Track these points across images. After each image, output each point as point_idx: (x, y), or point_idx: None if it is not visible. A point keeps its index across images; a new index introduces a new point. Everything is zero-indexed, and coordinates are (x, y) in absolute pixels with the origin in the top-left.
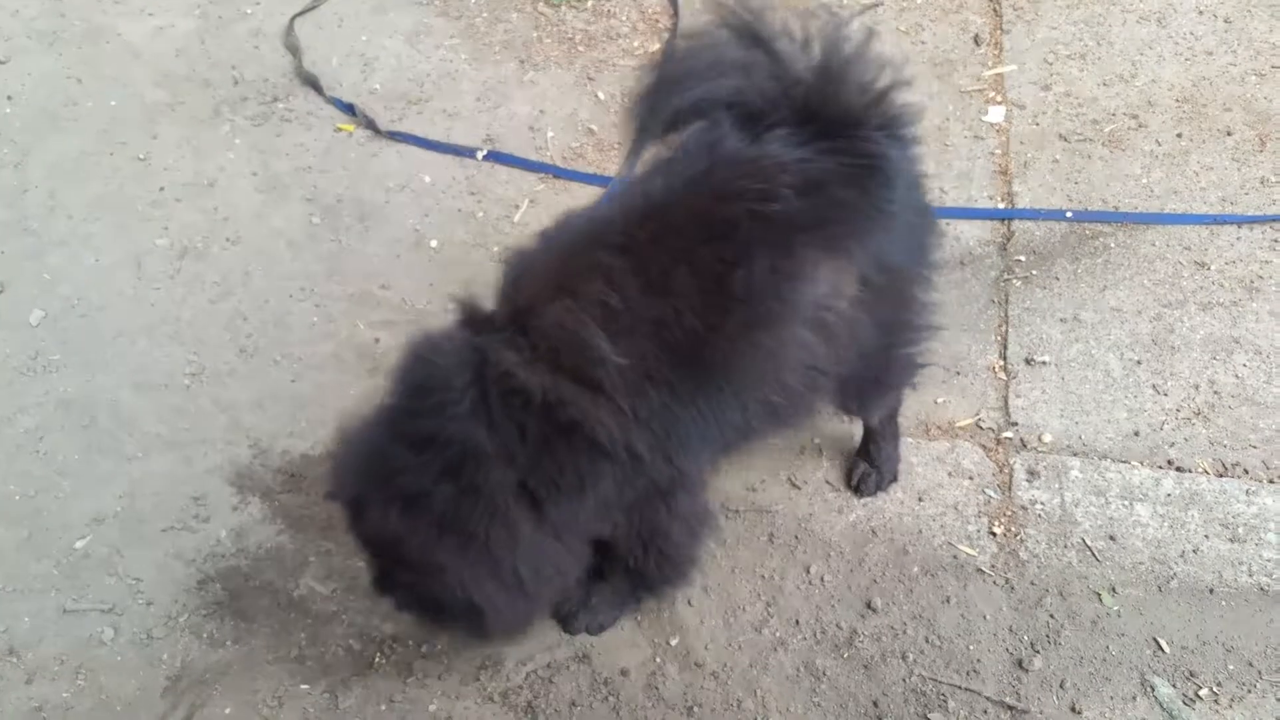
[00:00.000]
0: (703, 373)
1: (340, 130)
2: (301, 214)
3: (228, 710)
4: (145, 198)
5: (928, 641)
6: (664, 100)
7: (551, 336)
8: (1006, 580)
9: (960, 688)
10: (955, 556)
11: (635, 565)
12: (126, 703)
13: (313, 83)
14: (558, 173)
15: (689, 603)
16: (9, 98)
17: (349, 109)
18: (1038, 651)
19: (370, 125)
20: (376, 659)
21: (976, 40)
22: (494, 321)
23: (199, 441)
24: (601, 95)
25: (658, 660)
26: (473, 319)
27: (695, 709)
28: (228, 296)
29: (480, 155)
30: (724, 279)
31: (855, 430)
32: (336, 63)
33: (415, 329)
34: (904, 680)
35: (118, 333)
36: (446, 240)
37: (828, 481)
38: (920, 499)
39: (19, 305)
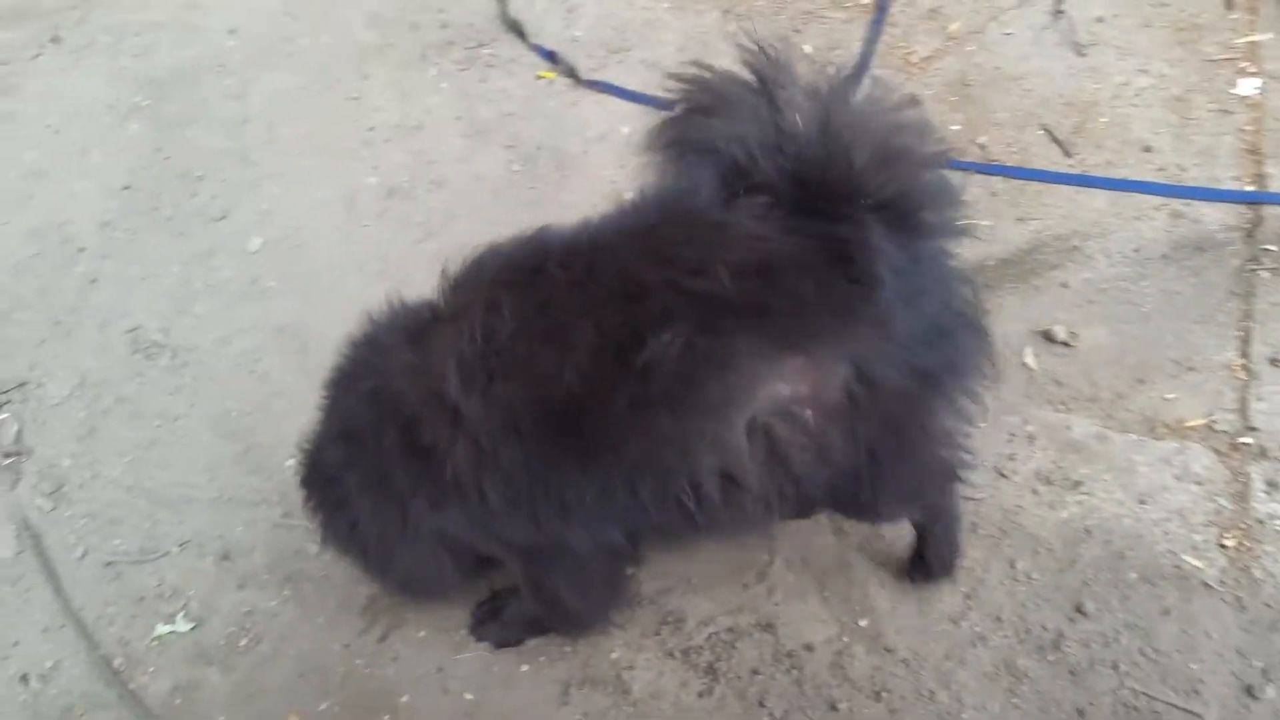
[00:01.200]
0: (582, 441)
1: (542, 78)
2: (503, 160)
3: (422, 634)
4: (356, 136)
5: (1142, 654)
6: (677, 137)
7: (435, 352)
8: (1237, 599)
9: (1177, 707)
10: (1178, 567)
11: (529, 603)
12: (328, 615)
13: (517, 29)
14: None
15: (882, 585)
16: (231, 31)
17: (551, 56)
18: (1271, 680)
19: (571, 74)
20: None
21: (1228, 4)
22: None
23: None
24: (808, 49)
25: (845, 640)
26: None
27: (883, 694)
28: (431, 238)
29: (679, 108)
30: (626, 347)
31: (1072, 421)
32: (540, 9)
33: None
34: (1113, 691)
35: (328, 266)
36: (640, 192)
37: (1039, 473)
38: (1142, 501)
39: (239, 232)
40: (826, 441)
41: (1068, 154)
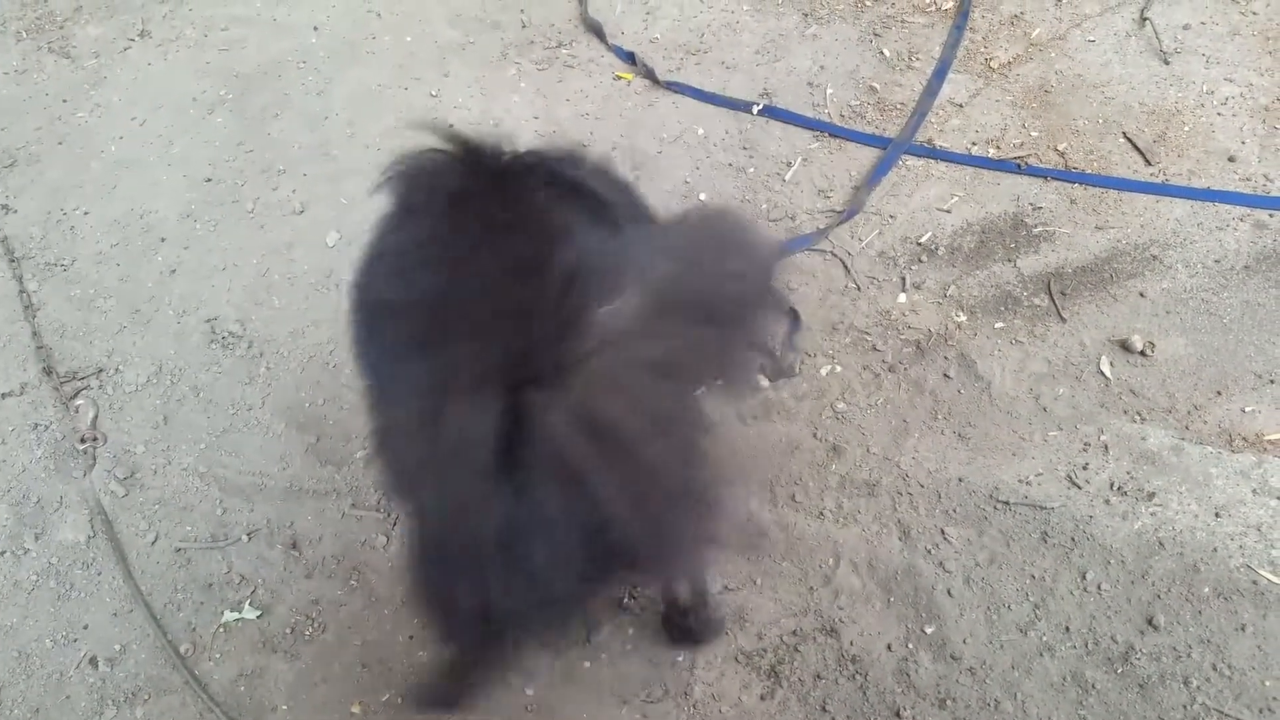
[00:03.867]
0: None
1: (619, 78)
2: None
3: None
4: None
5: (1215, 669)
6: None
7: None
8: None
9: None
10: (1255, 582)
11: None
12: (393, 607)
13: (596, 29)
14: (834, 131)
15: (949, 593)
16: (315, 28)
17: (629, 57)
18: None
19: (649, 75)
20: (625, 599)
21: None
22: None
23: None
24: (887, 52)
25: (910, 646)
26: None
27: (948, 702)
28: None
29: (756, 110)
30: None
31: (1148, 432)
32: (619, 10)
33: None
34: (1184, 707)
35: None
36: (715, 194)
37: (1112, 484)
38: (1217, 514)
39: (318, 226)
40: None
41: (1149, 162)
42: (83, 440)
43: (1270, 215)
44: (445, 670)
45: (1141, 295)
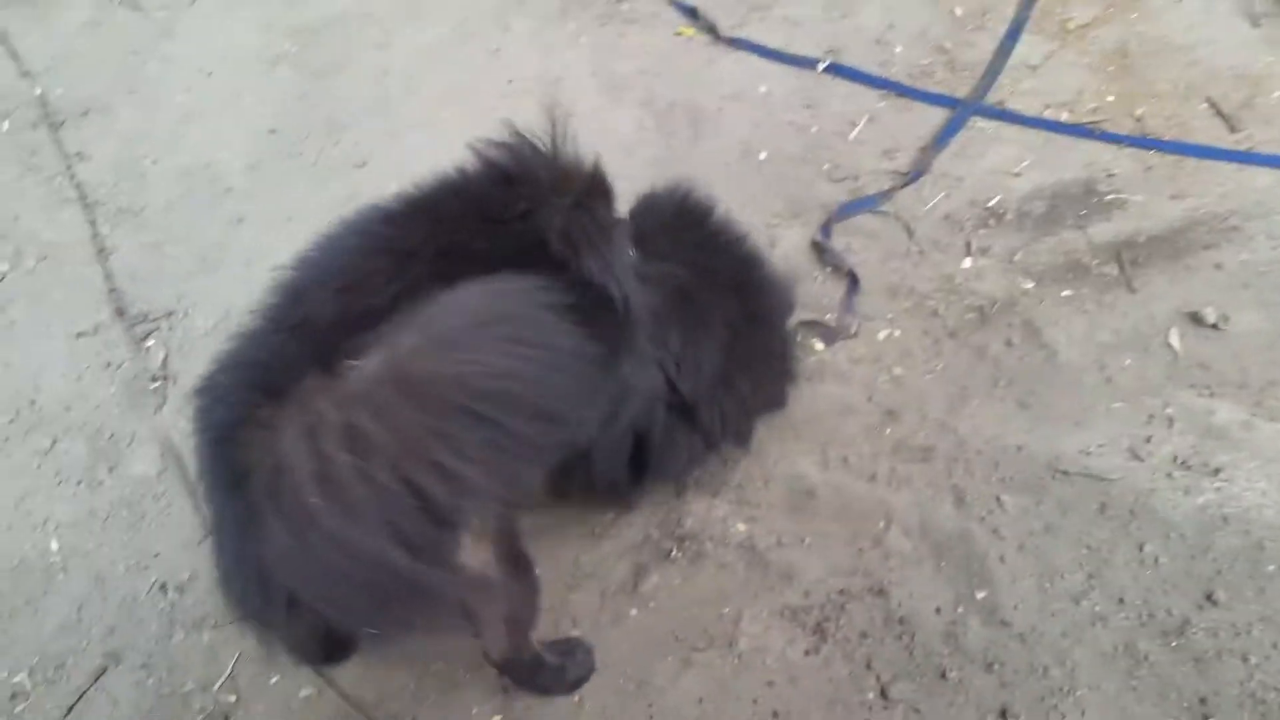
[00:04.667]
0: None
1: (680, 34)
2: (635, 117)
3: (537, 571)
4: (494, 89)
5: (1276, 647)
6: None
7: None
8: None
9: None
10: None
11: None
12: None
13: None
14: (901, 90)
15: (1001, 559)
16: None
17: (691, 13)
18: None
19: (711, 30)
20: (674, 552)
21: None
22: None
23: None
24: (959, 11)
25: (959, 610)
26: None
27: (996, 666)
28: None
29: (820, 67)
30: None
31: (1216, 406)
32: None
33: None
34: (1241, 683)
35: None
36: (775, 153)
37: (1176, 458)
38: None
39: (378, 180)
40: None
41: (1233, 129)
42: (154, 379)
43: None
44: None
45: (1218, 267)
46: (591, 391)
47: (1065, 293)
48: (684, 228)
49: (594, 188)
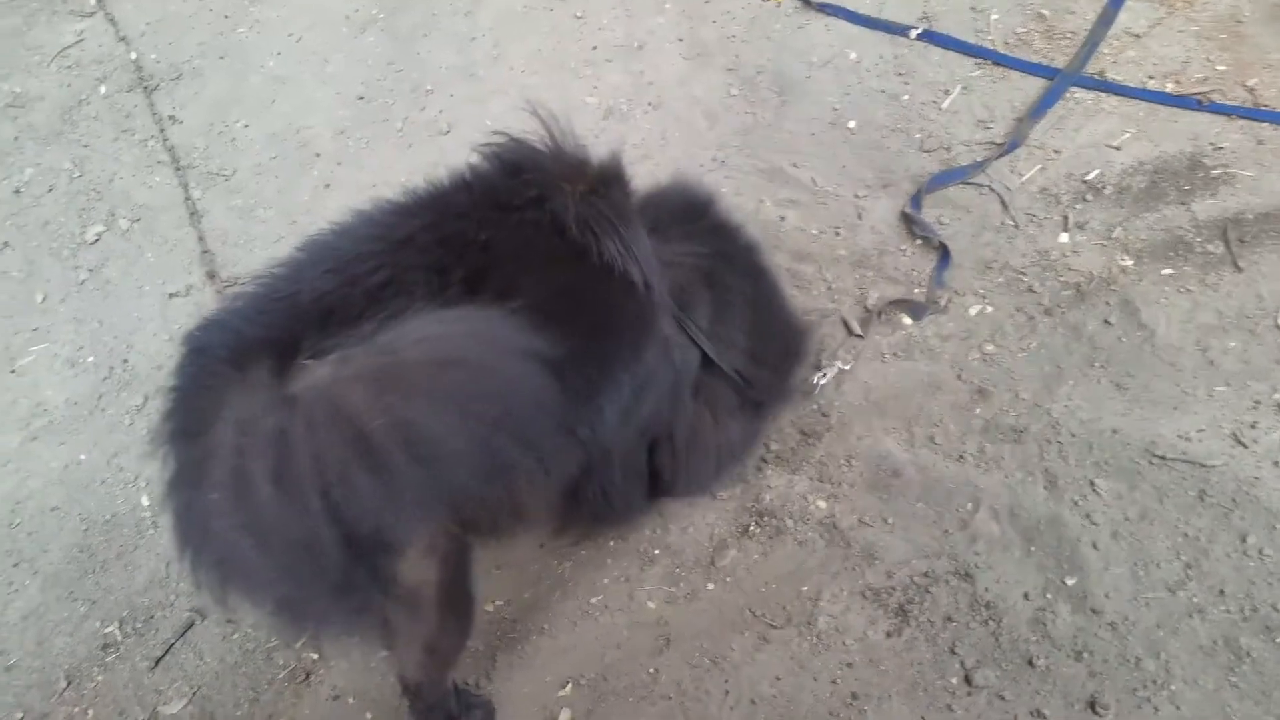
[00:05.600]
0: None
1: (768, 0)
2: (721, 84)
3: (611, 543)
4: (579, 55)
5: None
6: None
7: None
8: None
9: None
10: None
11: None
12: None
13: None
14: (998, 59)
15: (1094, 546)
16: None
17: None
18: None
19: None
20: (752, 527)
21: None
22: None
23: None
24: None
25: (1048, 596)
26: None
27: (1085, 655)
28: (644, 160)
29: (913, 34)
30: None
31: None
32: None
33: (823, 210)
34: None
35: None
36: (865, 122)
37: None
38: None
39: (462, 146)
40: None
41: None
42: None
43: None
44: None
45: None
46: (549, 434)
47: (1166, 271)
48: (692, 216)
49: (608, 176)
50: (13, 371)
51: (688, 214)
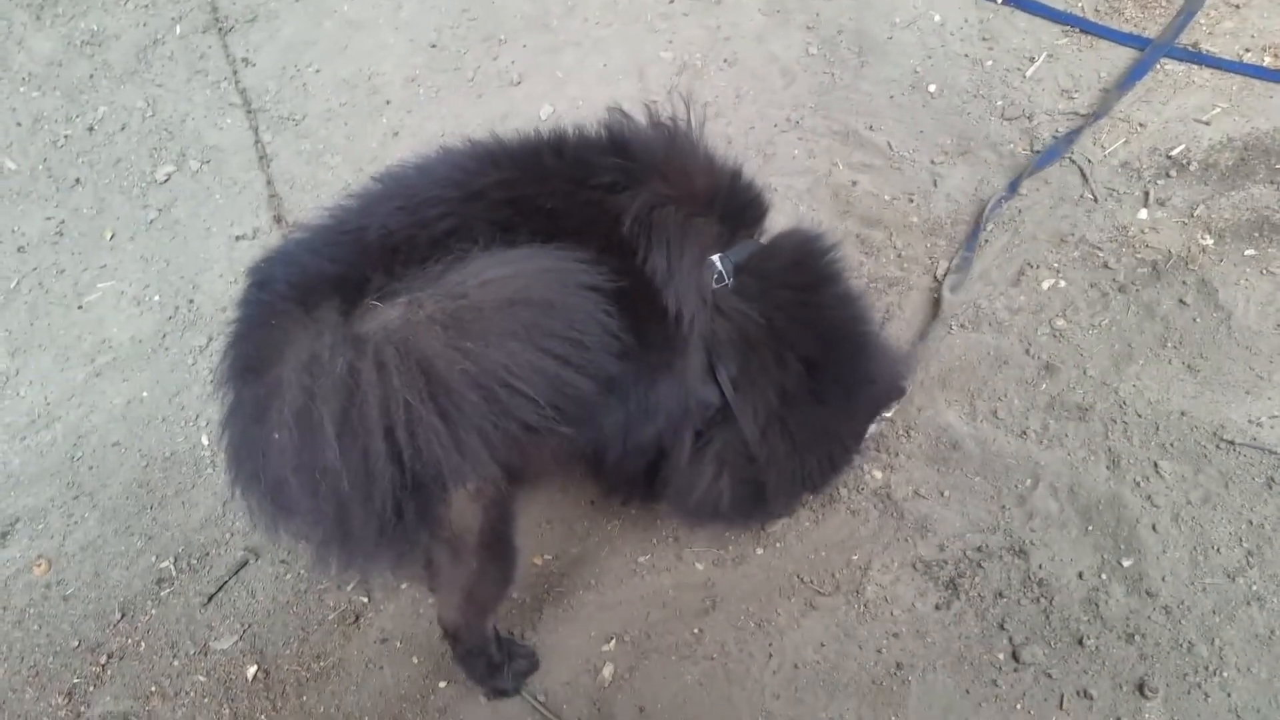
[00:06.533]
0: None
1: None
2: (799, 42)
3: (662, 505)
4: (655, 9)
5: None
6: None
7: None
8: None
9: None
10: None
11: None
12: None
13: None
14: (1087, 27)
15: (1153, 528)
16: None
17: None
18: None
19: None
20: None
21: None
22: None
23: None
24: None
25: (1103, 577)
26: None
27: (1136, 637)
28: (716, 118)
29: None
30: None
31: None
32: None
33: (898, 176)
34: None
35: None
36: (946, 86)
37: None
38: None
39: (533, 98)
40: None
41: None
42: None
43: None
44: None
45: None
46: (606, 393)
47: (1249, 252)
48: (792, 282)
49: (715, 195)
50: (80, 307)
51: (792, 276)
